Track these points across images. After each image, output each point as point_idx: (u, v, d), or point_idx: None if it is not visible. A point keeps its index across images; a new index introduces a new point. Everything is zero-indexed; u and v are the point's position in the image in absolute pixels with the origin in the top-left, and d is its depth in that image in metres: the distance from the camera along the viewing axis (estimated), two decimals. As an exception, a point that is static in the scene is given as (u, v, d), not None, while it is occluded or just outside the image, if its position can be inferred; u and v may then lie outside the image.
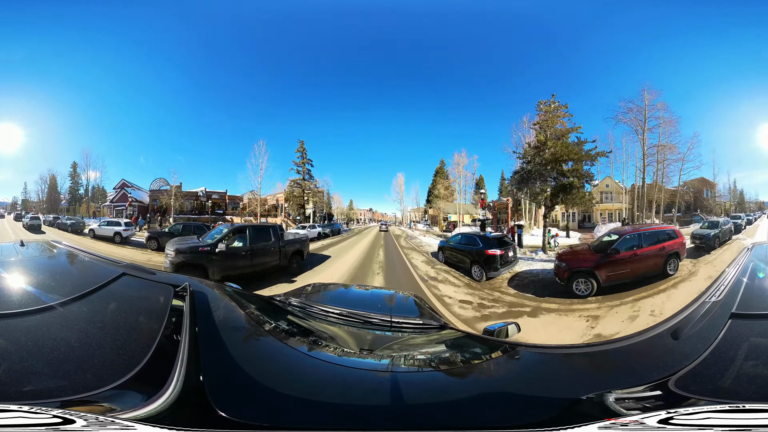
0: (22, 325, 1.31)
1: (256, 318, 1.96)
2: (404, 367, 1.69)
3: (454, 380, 1.56)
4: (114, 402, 0.98)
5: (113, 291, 1.83)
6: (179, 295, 1.75)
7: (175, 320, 1.44)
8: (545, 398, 1.28)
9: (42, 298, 1.56)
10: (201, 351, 1.22)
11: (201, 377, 1.09)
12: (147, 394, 0.99)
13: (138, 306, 1.81)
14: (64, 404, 0.91)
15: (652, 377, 1.22)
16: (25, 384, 1.02)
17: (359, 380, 1.42)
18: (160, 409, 0.94)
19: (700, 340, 1.40)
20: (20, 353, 1.15)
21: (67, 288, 1.81)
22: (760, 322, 1.53)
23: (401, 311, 2.88)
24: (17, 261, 2.35)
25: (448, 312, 8.22)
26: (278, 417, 1.05)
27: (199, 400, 1.01)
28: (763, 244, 3.42)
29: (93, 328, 1.41)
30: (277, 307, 2.32)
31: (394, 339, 2.10)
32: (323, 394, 1.23)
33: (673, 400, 1.07)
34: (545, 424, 1.03)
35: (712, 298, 1.81)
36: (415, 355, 1.92)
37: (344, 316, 2.20)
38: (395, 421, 1.13)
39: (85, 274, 2.46)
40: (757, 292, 1.94)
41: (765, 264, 2.45)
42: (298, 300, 2.49)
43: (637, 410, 1.06)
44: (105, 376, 1.06)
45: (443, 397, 1.35)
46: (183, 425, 0.93)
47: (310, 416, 1.07)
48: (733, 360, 1.23)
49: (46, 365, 1.10)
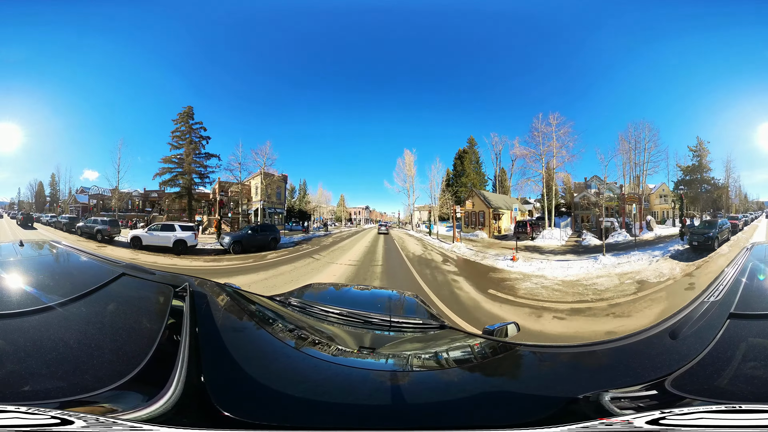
0: (20, 325, 1.31)
1: (256, 318, 1.96)
2: (405, 367, 1.69)
3: (454, 380, 1.56)
4: (114, 403, 0.98)
5: (113, 291, 1.83)
6: (179, 295, 1.75)
7: (175, 320, 1.44)
8: (543, 397, 1.28)
9: (41, 299, 1.55)
10: (201, 351, 1.23)
11: (202, 378, 1.09)
12: (147, 395, 0.99)
13: (138, 306, 1.81)
14: (62, 405, 0.91)
15: (649, 377, 1.23)
16: (23, 385, 1.02)
17: (361, 380, 1.42)
18: (163, 410, 0.94)
19: (698, 339, 1.40)
20: (18, 354, 1.15)
21: (67, 288, 1.81)
22: (759, 322, 1.53)
23: (401, 311, 2.88)
24: (16, 261, 2.34)
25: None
26: (282, 417, 1.05)
27: (202, 401, 1.01)
28: (762, 244, 3.43)
29: (92, 328, 1.41)
30: (277, 307, 2.33)
31: (395, 339, 2.10)
32: (326, 395, 1.24)
33: (669, 399, 1.08)
34: (543, 423, 1.04)
35: (710, 297, 1.81)
36: (416, 354, 1.92)
37: (344, 315, 2.21)
38: (398, 420, 1.13)
39: (84, 274, 2.46)
40: (756, 292, 1.94)
41: (764, 264, 2.45)
42: (298, 300, 2.49)
43: (631, 410, 1.06)
44: (104, 376, 1.06)
45: (444, 396, 1.36)
46: (186, 426, 0.93)
47: (314, 416, 1.08)
48: (731, 360, 1.23)
49: (44, 366, 1.10)
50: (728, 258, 11.42)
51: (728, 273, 2.19)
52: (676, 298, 9.82)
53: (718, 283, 2.00)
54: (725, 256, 12.98)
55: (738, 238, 15.52)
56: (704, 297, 1.82)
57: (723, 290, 1.88)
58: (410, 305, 3.20)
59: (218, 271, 14.23)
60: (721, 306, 1.67)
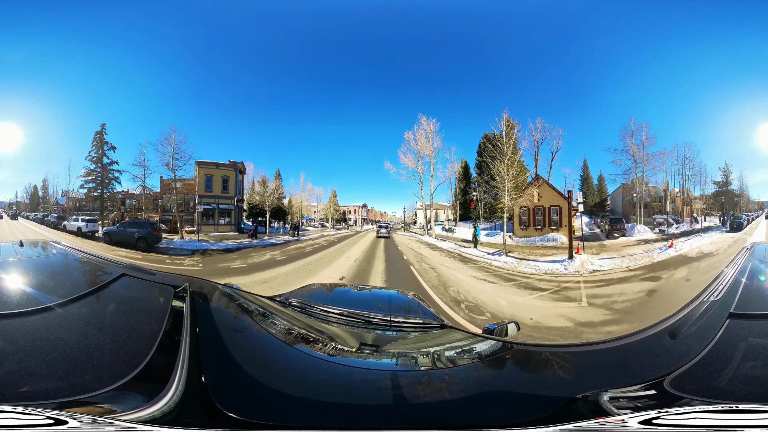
0: (20, 325, 1.31)
1: (256, 318, 1.96)
2: (405, 366, 1.70)
3: (454, 379, 1.57)
4: (114, 403, 0.98)
5: (113, 292, 1.83)
6: (179, 295, 1.75)
7: (176, 321, 1.44)
8: (542, 397, 1.28)
9: (40, 299, 1.55)
10: (202, 351, 1.23)
11: (203, 378, 1.09)
12: (148, 396, 0.99)
13: (138, 307, 1.81)
14: (60, 405, 0.91)
15: (649, 377, 1.23)
16: (22, 385, 1.01)
17: (361, 380, 1.42)
18: (165, 410, 0.94)
19: (697, 339, 1.40)
20: (18, 354, 1.15)
21: (66, 289, 1.81)
22: (759, 322, 1.53)
23: (401, 311, 2.88)
24: (16, 261, 2.34)
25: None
26: (283, 416, 1.05)
27: (203, 401, 1.01)
28: (762, 244, 3.43)
29: (92, 329, 1.41)
30: (277, 307, 2.33)
31: (395, 338, 2.11)
32: (327, 394, 1.24)
33: (668, 399, 1.08)
34: (539, 423, 1.04)
35: (710, 297, 1.81)
36: (416, 354, 1.92)
37: (344, 315, 2.21)
38: (398, 420, 1.13)
39: (84, 274, 2.46)
40: (756, 292, 1.94)
41: (764, 265, 2.45)
42: (299, 300, 2.49)
43: (629, 410, 1.06)
44: (105, 377, 1.06)
45: (444, 395, 1.36)
46: (188, 426, 0.93)
47: (314, 416, 1.08)
48: (730, 360, 1.23)
49: (44, 366, 1.10)
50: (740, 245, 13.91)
51: (728, 273, 2.18)
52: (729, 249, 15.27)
53: (718, 283, 1.99)
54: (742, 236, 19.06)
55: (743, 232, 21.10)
56: (704, 297, 1.82)
57: (723, 290, 1.88)
58: (410, 305, 3.20)
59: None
60: (721, 306, 1.67)
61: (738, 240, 17.61)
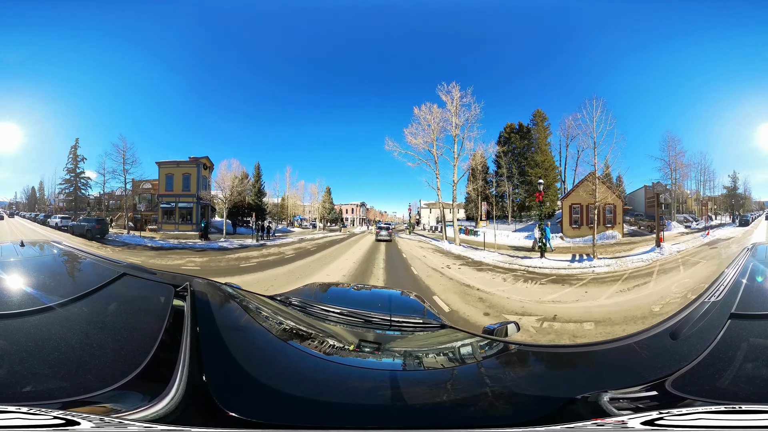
0: (21, 326, 1.31)
1: (256, 317, 1.97)
2: (405, 366, 1.70)
3: (454, 379, 1.57)
4: (117, 403, 0.98)
5: (114, 291, 1.83)
6: (180, 295, 1.75)
7: (176, 320, 1.44)
8: (541, 397, 1.29)
9: (42, 299, 1.55)
10: (203, 351, 1.23)
11: (204, 377, 1.10)
12: (150, 395, 0.99)
13: (139, 306, 1.81)
14: (65, 405, 0.91)
15: (650, 377, 1.23)
16: (25, 385, 1.02)
17: (361, 379, 1.43)
18: (167, 410, 0.94)
19: (698, 340, 1.40)
20: (20, 354, 1.15)
21: (68, 288, 1.81)
22: (760, 322, 1.53)
23: (401, 310, 2.88)
24: (17, 261, 2.35)
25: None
26: (283, 415, 1.06)
27: (204, 400, 1.02)
28: (763, 244, 3.42)
29: (94, 328, 1.41)
30: (277, 306, 2.33)
31: (395, 338, 2.11)
32: (326, 394, 1.24)
33: (669, 400, 1.08)
34: (537, 423, 1.04)
35: (711, 298, 1.81)
36: (416, 354, 1.93)
37: (345, 315, 2.21)
38: (397, 419, 1.14)
39: (85, 274, 2.46)
40: (757, 292, 1.94)
41: (765, 265, 2.45)
42: (299, 299, 2.49)
43: (630, 410, 1.06)
44: (106, 376, 1.07)
45: (444, 395, 1.36)
46: (190, 425, 0.93)
47: (314, 415, 1.08)
48: (732, 361, 1.23)
49: (46, 366, 1.10)
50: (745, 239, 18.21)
51: (729, 274, 2.18)
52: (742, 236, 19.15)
53: (719, 284, 1.99)
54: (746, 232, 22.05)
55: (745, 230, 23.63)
56: (705, 297, 1.82)
57: (724, 291, 1.88)
58: (411, 304, 3.20)
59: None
60: (722, 306, 1.67)
61: (747, 232, 22.39)
